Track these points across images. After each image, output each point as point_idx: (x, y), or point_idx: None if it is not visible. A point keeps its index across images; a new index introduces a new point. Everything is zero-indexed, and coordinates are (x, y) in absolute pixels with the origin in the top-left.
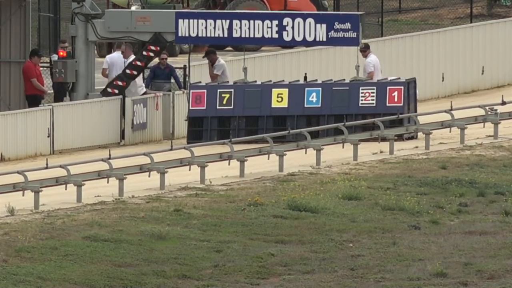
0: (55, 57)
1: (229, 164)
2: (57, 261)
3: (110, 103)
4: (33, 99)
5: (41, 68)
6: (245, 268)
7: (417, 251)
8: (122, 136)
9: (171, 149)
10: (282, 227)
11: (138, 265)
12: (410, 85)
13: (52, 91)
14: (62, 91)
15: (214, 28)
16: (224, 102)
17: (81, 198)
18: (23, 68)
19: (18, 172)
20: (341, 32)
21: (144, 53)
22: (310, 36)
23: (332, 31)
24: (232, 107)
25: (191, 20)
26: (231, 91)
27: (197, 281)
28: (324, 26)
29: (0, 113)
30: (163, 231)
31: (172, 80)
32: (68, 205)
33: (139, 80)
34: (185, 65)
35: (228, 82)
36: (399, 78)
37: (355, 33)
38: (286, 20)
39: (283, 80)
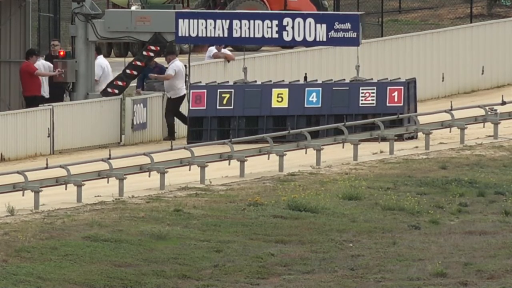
0: None
1: (229, 164)
2: (57, 261)
3: (110, 103)
4: (32, 101)
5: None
6: (245, 268)
7: (417, 251)
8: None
9: (171, 149)
10: (282, 227)
11: (138, 265)
12: (410, 85)
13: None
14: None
15: (214, 28)
16: (224, 102)
17: (81, 198)
18: (22, 68)
19: (18, 172)
20: (341, 32)
21: (144, 53)
22: (310, 36)
23: (332, 31)
24: (232, 107)
25: (191, 20)
26: (231, 91)
27: (197, 281)
28: (324, 26)
29: (0, 113)
30: (163, 231)
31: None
32: (68, 205)
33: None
34: (185, 65)
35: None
36: (399, 78)
37: (355, 33)
38: (286, 20)
39: (283, 80)
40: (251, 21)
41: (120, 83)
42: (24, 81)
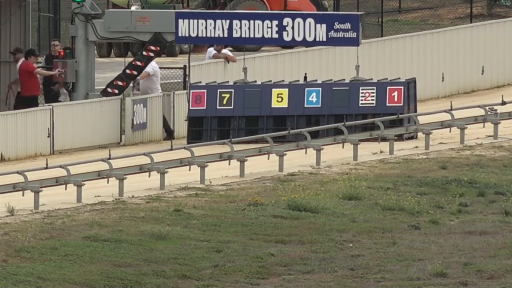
0: None
1: (229, 164)
2: (57, 261)
3: (110, 103)
4: (31, 101)
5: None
6: (245, 268)
7: (417, 251)
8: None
9: (171, 149)
10: (282, 227)
11: (138, 265)
12: (410, 85)
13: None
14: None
15: (214, 28)
16: (224, 102)
17: (81, 198)
18: (22, 67)
19: (18, 172)
20: (341, 32)
21: (144, 53)
22: (310, 36)
23: (332, 31)
24: (232, 107)
25: (191, 20)
26: (231, 91)
27: (197, 281)
28: (324, 26)
29: (0, 113)
30: (163, 231)
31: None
32: (68, 205)
33: None
34: (185, 65)
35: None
36: (399, 78)
37: (355, 33)
38: (286, 20)
39: (283, 80)
40: (251, 21)
41: (120, 83)
42: (23, 81)
